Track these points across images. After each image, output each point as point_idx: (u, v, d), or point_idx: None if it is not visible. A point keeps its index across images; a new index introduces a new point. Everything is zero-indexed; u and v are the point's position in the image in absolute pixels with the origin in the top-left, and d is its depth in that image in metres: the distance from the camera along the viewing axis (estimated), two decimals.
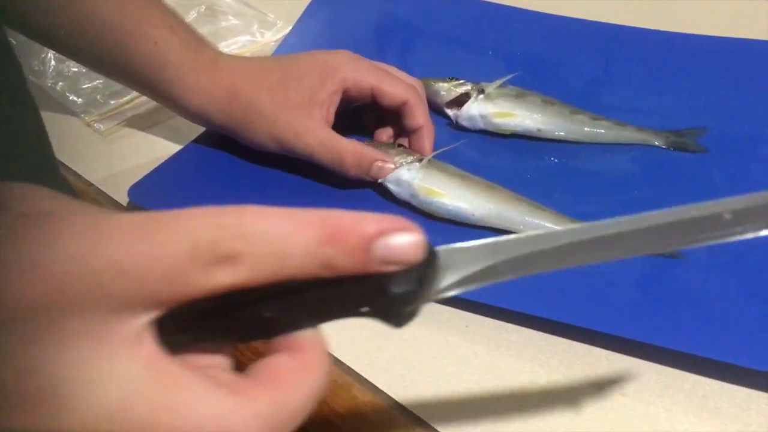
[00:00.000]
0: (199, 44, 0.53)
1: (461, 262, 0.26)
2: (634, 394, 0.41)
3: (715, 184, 0.52)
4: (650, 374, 0.42)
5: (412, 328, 0.44)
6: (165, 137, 0.59)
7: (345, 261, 0.23)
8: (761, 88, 0.58)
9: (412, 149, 0.54)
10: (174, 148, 0.58)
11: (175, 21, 0.53)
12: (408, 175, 0.51)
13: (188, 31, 0.53)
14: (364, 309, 0.25)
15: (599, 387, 0.42)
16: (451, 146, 0.55)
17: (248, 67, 0.53)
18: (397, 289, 0.24)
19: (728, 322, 0.43)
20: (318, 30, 0.67)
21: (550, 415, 0.40)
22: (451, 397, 0.41)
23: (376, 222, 0.23)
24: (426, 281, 0.25)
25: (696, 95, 0.58)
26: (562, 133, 0.56)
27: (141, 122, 0.61)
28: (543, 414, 0.40)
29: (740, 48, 0.62)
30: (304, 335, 0.25)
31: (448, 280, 0.25)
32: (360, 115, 0.58)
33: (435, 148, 0.54)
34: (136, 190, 0.52)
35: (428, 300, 0.25)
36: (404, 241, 0.24)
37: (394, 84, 0.53)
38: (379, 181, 0.52)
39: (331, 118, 0.53)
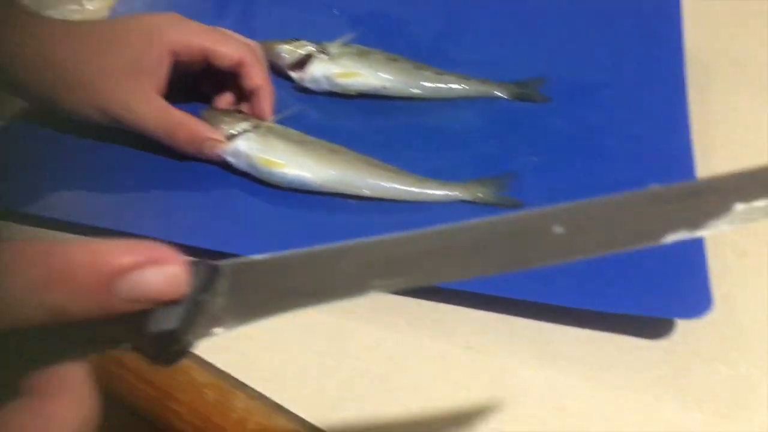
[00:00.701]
0: (9, 9, 0.48)
1: (249, 283, 0.21)
2: (479, 346, 0.41)
3: (559, 131, 0.53)
4: (496, 325, 0.42)
5: None
6: None
7: (80, 306, 0.19)
8: (599, 35, 0.59)
9: (252, 114, 0.52)
10: None
11: None
12: (245, 146, 0.49)
13: None
14: (125, 345, 0.21)
15: (445, 342, 0.41)
16: (292, 110, 0.52)
17: (64, 32, 0.49)
18: (154, 328, 0.20)
19: (567, 268, 0.44)
20: None
21: (398, 374, 0.39)
22: (297, 368, 0.40)
23: (117, 255, 0.20)
24: (195, 315, 0.21)
25: (537, 45, 0.59)
26: (407, 90, 0.55)
27: None
28: (391, 374, 0.39)
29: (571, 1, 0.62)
30: (59, 373, 0.20)
31: (231, 311, 0.21)
32: (198, 82, 0.55)
33: (281, 113, 0.52)
34: None
35: (201, 337, 0.21)
36: (155, 276, 0.20)
37: (227, 44, 0.50)
38: (216, 148, 0.49)
39: (163, 86, 0.50)
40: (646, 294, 0.42)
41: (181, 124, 0.49)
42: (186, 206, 0.49)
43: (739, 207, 0.21)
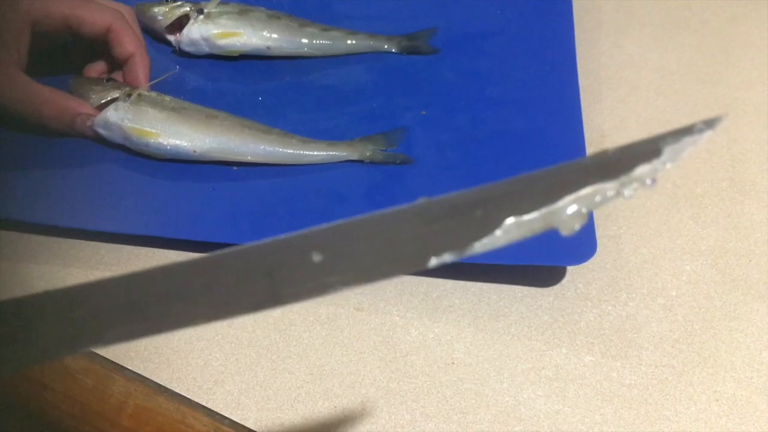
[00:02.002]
0: None
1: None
2: (370, 307, 0.40)
3: (449, 83, 0.51)
4: (386, 285, 0.41)
5: None
6: None
7: None
8: None
9: (126, 83, 0.49)
10: None
11: None
12: (116, 115, 0.46)
13: None
14: None
15: (335, 305, 0.40)
16: (167, 74, 0.50)
17: None
18: None
19: None
20: None
21: (285, 341, 0.38)
22: (177, 346, 0.38)
23: None
24: None
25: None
26: (292, 49, 0.53)
27: None
28: (278, 343, 0.38)
29: None
30: None
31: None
32: (67, 50, 0.51)
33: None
34: None
35: None
36: None
37: (91, 10, 0.47)
38: (87, 123, 0.46)
39: (23, 59, 0.46)
40: (531, 243, 0.41)
41: (46, 100, 0.45)
42: (61, 187, 0.46)
43: (510, 221, 0.19)
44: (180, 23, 0.53)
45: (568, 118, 0.48)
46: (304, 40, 0.53)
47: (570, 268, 0.42)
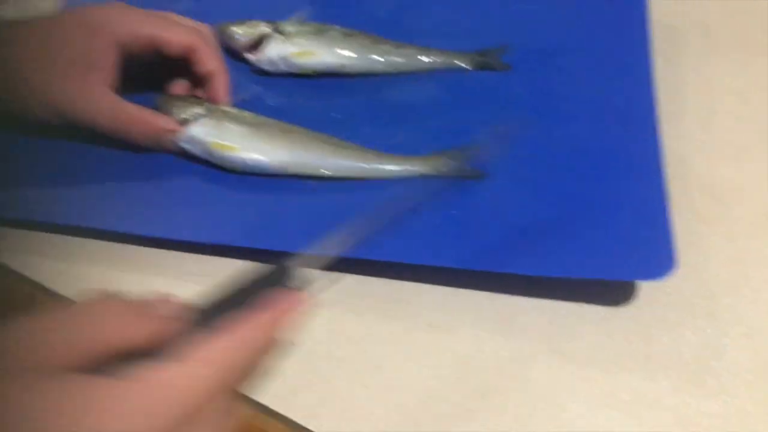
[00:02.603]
0: None
1: None
2: (442, 324, 0.40)
3: (521, 99, 0.52)
4: (457, 302, 0.41)
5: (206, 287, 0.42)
6: None
7: None
8: (556, 1, 0.58)
9: (208, 99, 0.51)
10: None
11: None
12: (199, 131, 0.47)
13: None
14: None
15: (407, 322, 0.40)
16: (247, 93, 0.51)
17: (10, 32, 0.47)
18: None
19: (526, 236, 0.43)
20: None
21: (361, 355, 0.39)
22: None
23: None
24: None
25: (497, 12, 0.57)
26: (367, 67, 0.54)
27: None
28: (354, 356, 0.39)
29: None
30: None
31: None
32: (152, 69, 0.53)
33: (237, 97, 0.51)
34: None
35: None
36: None
37: (175, 31, 0.49)
38: (173, 138, 0.48)
39: (113, 79, 0.48)
40: (608, 257, 0.41)
41: (134, 118, 0.47)
42: (146, 198, 0.47)
43: None
44: (257, 42, 0.55)
45: (645, 139, 0.47)
46: (378, 58, 0.54)
47: (647, 292, 0.41)
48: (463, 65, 0.54)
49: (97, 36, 0.47)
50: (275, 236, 0.44)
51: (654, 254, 0.41)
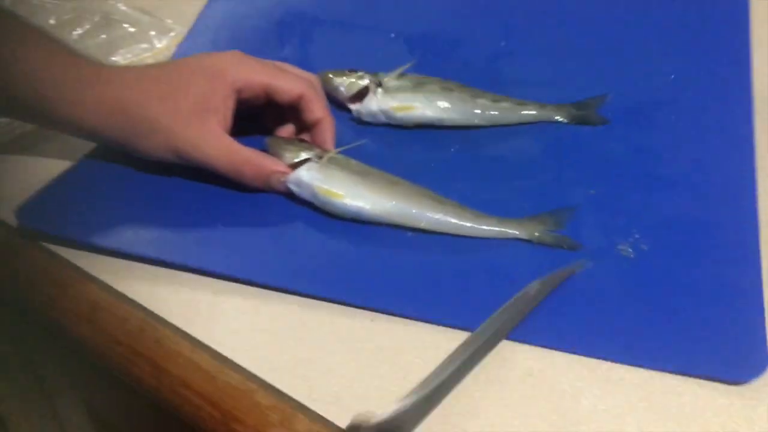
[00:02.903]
0: (79, 58, 0.51)
1: None
2: (540, 374, 0.41)
3: (618, 157, 0.52)
4: (555, 355, 0.42)
5: (313, 327, 0.43)
6: (55, 155, 0.56)
7: None
8: (655, 53, 0.59)
9: (314, 144, 0.53)
10: (65, 165, 0.55)
11: (49, 39, 0.50)
12: (308, 176, 0.50)
13: (65, 47, 0.51)
14: None
15: (505, 369, 0.41)
16: (357, 144, 0.53)
17: (134, 78, 0.51)
18: None
19: (622, 325, 0.43)
20: (214, 31, 0.66)
21: (457, 399, 0.40)
22: (358, 392, 0.40)
23: None
24: None
25: (594, 61, 0.59)
26: (464, 121, 0.56)
27: (29, 139, 0.58)
28: (450, 399, 0.40)
29: (633, 13, 0.62)
30: None
31: None
32: (261, 115, 0.57)
33: (340, 143, 0.53)
34: (25, 211, 0.50)
35: None
36: None
37: (286, 79, 0.52)
38: (281, 180, 0.51)
39: (228, 123, 0.52)
40: (695, 353, 0.41)
41: (247, 160, 0.50)
42: (249, 240, 0.49)
43: None
44: (360, 94, 0.57)
45: (741, 209, 0.47)
46: (476, 111, 0.56)
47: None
48: (559, 119, 0.55)
49: (217, 82, 0.51)
50: (369, 289, 0.45)
51: (745, 356, 0.40)
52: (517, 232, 0.48)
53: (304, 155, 0.51)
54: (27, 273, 0.49)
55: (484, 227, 0.48)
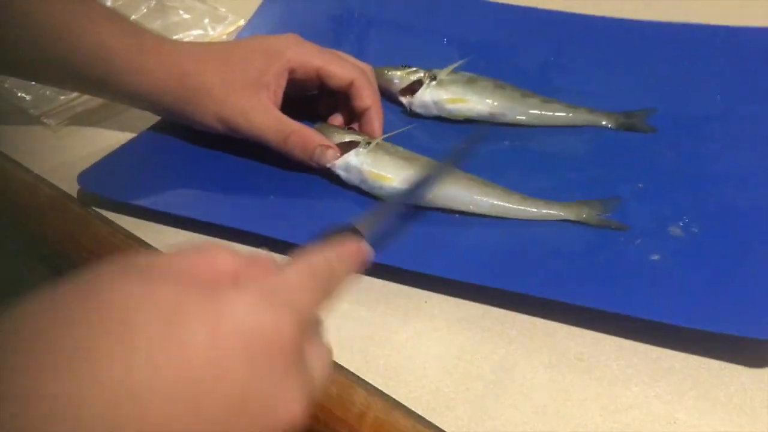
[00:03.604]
0: (141, 31, 0.53)
1: None
2: (589, 359, 0.42)
3: (666, 160, 0.54)
4: (606, 341, 0.43)
5: (371, 306, 0.45)
6: (116, 129, 0.59)
7: None
8: (704, 70, 0.60)
9: (362, 133, 0.55)
10: (125, 139, 0.57)
11: (111, 11, 0.53)
12: (356, 160, 0.51)
13: (126, 20, 0.53)
14: None
15: (556, 352, 0.42)
16: (402, 129, 0.55)
17: (194, 50, 0.53)
18: None
19: (676, 288, 0.44)
20: (272, 23, 0.67)
21: (510, 380, 0.41)
22: (414, 368, 0.41)
23: None
24: None
25: (642, 78, 0.60)
26: (514, 117, 0.57)
27: (91, 116, 0.60)
28: (503, 380, 0.41)
29: (683, 32, 0.64)
30: None
31: None
32: (313, 103, 0.58)
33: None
34: (85, 177, 0.52)
35: None
36: None
37: (340, 65, 0.54)
38: (328, 166, 0.52)
39: (279, 99, 0.53)
40: (752, 315, 0.42)
41: (294, 131, 0.52)
42: (299, 211, 0.51)
43: None
44: (412, 87, 0.59)
45: None
46: (526, 110, 0.57)
47: None
48: (607, 125, 0.56)
49: (274, 60, 0.52)
50: (424, 259, 0.47)
51: None
52: (564, 213, 0.49)
53: (353, 139, 0.52)
54: (89, 243, 0.50)
55: (532, 209, 0.49)
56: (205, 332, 0.24)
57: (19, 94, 0.62)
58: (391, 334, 0.43)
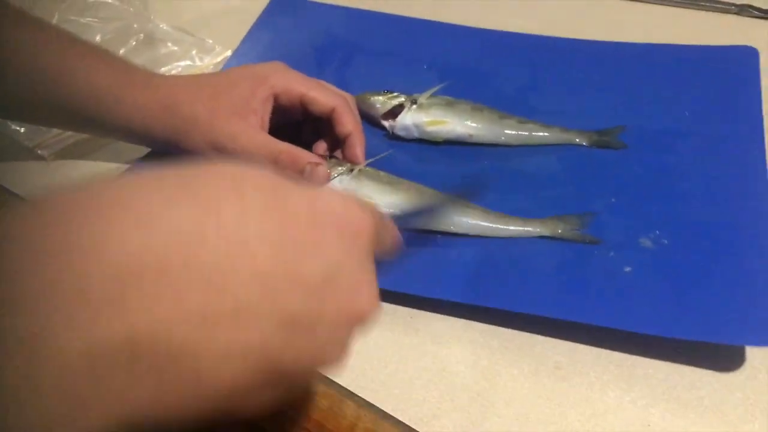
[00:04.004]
0: (130, 67, 0.55)
1: None
2: (568, 367, 0.44)
3: (637, 175, 0.56)
4: (582, 350, 0.45)
5: None
6: (108, 161, 0.61)
7: None
8: (671, 87, 0.63)
9: (345, 159, 0.57)
10: (117, 170, 0.59)
11: (100, 50, 0.55)
12: (339, 186, 0.53)
13: (116, 57, 0.56)
14: None
15: (536, 362, 0.44)
16: (385, 154, 0.57)
17: (182, 82, 0.56)
18: None
19: (648, 298, 0.47)
20: (258, 53, 0.70)
21: (493, 389, 0.43)
22: (401, 380, 0.43)
23: None
24: None
25: (615, 96, 0.63)
26: (492, 138, 0.59)
27: (84, 147, 0.62)
28: (487, 389, 0.43)
29: (650, 51, 0.67)
30: None
31: None
32: (298, 131, 0.60)
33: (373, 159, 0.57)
34: None
35: None
36: None
37: (322, 92, 0.56)
38: (317, 171, 0.54)
39: (265, 124, 0.55)
40: (722, 324, 0.44)
41: (282, 151, 0.54)
42: None
43: None
44: (394, 111, 0.61)
45: (757, 216, 0.51)
46: (504, 131, 0.59)
47: (761, 355, 0.44)
48: (581, 142, 0.59)
49: (259, 86, 0.55)
50: (406, 282, 0.48)
51: (763, 323, 0.44)
52: (541, 230, 0.51)
53: (336, 171, 0.54)
54: None
55: (510, 227, 0.51)
56: (306, 205, 0.28)
57: (13, 127, 0.63)
58: (379, 350, 0.45)
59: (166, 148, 0.56)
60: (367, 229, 0.30)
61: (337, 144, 0.59)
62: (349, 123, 0.57)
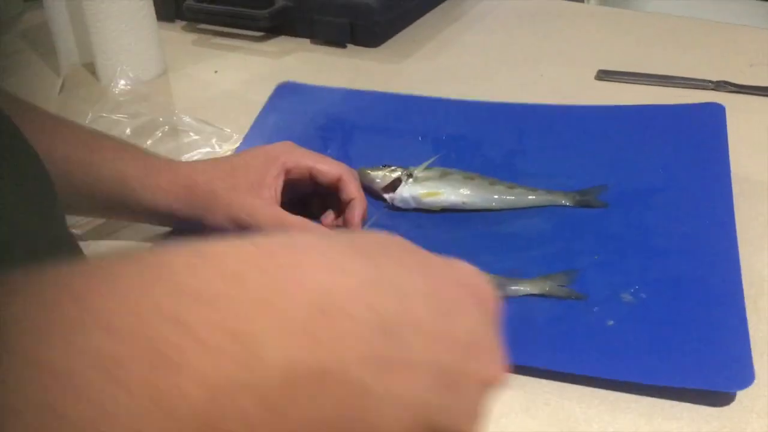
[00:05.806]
0: (152, 156, 0.63)
1: None
2: (555, 403, 0.47)
3: (617, 233, 0.61)
4: (569, 389, 0.48)
5: None
6: (133, 239, 0.66)
7: None
8: (646, 145, 0.69)
9: (344, 221, 0.62)
10: (141, 247, 0.65)
11: (124, 142, 0.63)
12: None
13: (138, 148, 0.63)
14: None
15: (528, 400, 0.48)
16: (375, 218, 0.63)
17: (201, 165, 0.62)
18: None
19: (630, 349, 0.50)
20: (266, 136, 0.77)
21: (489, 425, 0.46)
22: None
23: None
24: None
25: (595, 157, 0.68)
26: (483, 204, 0.65)
27: (101, 231, 0.67)
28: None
29: (625, 113, 0.73)
30: None
31: None
32: (307, 204, 0.66)
33: (377, 229, 0.62)
34: None
35: None
36: None
37: (328, 163, 0.62)
38: None
39: (278, 197, 0.61)
40: (696, 371, 0.48)
41: (294, 224, 0.59)
42: None
43: None
44: (393, 185, 0.67)
45: (727, 269, 0.55)
46: (493, 196, 0.65)
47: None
48: (565, 203, 0.64)
49: (271, 164, 0.61)
50: None
51: (735, 369, 0.47)
52: (530, 288, 0.55)
53: None
54: None
55: (500, 289, 0.55)
56: (447, 268, 0.30)
57: None
58: None
59: (188, 225, 0.62)
60: (495, 299, 0.31)
61: (341, 212, 0.64)
62: (353, 189, 0.63)
